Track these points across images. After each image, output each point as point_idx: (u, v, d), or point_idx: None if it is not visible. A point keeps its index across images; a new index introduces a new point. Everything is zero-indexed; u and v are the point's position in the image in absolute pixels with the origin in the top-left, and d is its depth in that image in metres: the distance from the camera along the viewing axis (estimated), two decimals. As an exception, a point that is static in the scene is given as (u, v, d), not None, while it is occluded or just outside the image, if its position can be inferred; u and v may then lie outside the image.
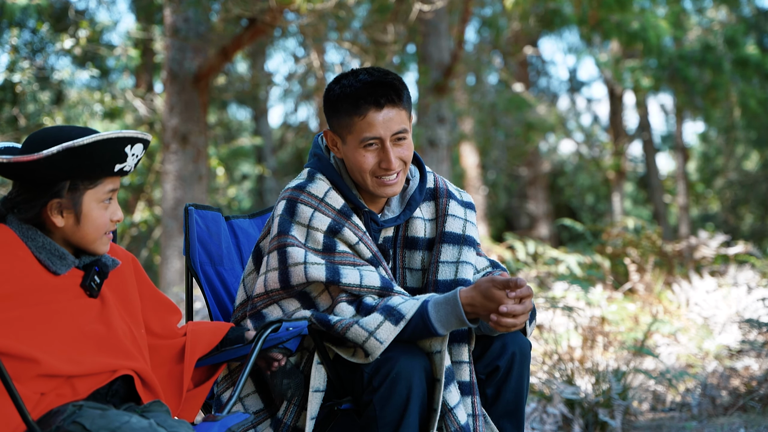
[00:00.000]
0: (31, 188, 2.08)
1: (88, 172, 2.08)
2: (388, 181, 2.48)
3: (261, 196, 15.90)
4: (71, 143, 2.02)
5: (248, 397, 2.52)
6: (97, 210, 2.13)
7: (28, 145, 2.10)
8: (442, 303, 2.36)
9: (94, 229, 2.14)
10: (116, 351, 2.12)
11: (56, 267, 2.10)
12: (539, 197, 17.47)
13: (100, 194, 2.13)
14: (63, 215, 2.10)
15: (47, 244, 2.10)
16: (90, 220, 2.12)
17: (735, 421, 4.21)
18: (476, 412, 2.44)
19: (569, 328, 5.40)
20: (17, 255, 2.07)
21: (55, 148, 2.01)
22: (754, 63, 12.23)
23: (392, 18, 9.76)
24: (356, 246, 2.47)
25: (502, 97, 15.03)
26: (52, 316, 2.06)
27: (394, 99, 2.44)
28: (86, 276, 2.14)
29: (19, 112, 8.25)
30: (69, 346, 2.05)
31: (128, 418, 1.95)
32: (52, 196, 2.08)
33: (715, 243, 7.96)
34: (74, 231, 2.12)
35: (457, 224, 2.61)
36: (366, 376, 2.34)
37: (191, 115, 8.18)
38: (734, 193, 20.85)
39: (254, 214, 3.05)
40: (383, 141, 2.45)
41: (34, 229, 2.10)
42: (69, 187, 2.08)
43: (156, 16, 11.45)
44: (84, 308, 2.12)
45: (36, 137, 2.11)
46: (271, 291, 2.47)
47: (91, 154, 2.05)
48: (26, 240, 2.09)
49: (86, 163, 2.06)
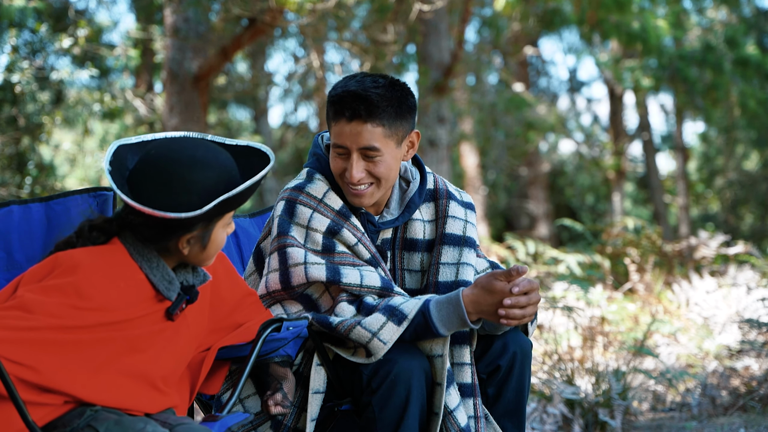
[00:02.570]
0: (163, 226, 2.01)
1: (230, 210, 2.04)
2: (355, 190, 2.46)
3: (261, 195, 15.89)
4: (227, 196, 1.96)
5: (249, 398, 2.51)
6: (222, 234, 2.10)
7: (158, 179, 1.98)
8: (444, 303, 2.35)
9: (215, 250, 2.11)
10: (159, 386, 2.07)
11: (169, 292, 2.05)
12: (539, 197, 17.46)
13: (227, 220, 2.09)
14: (190, 244, 2.06)
15: (162, 267, 2.05)
16: (215, 245, 2.09)
17: (735, 421, 4.21)
18: (477, 413, 2.44)
19: (569, 328, 5.39)
20: (135, 278, 2.02)
21: (213, 204, 1.95)
22: (754, 63, 12.23)
23: (392, 18, 9.75)
24: (355, 247, 2.47)
25: (502, 97, 15.03)
26: (136, 340, 2.02)
27: (361, 115, 2.39)
28: (175, 303, 2.08)
29: (18, 112, 8.24)
30: (122, 382, 2.00)
31: (143, 425, 1.93)
32: (187, 232, 2.03)
33: (715, 243, 7.96)
34: (196, 255, 2.09)
35: (458, 225, 2.61)
36: (365, 377, 2.34)
37: (191, 115, 8.18)
38: (734, 193, 20.84)
39: (254, 213, 3.04)
40: (350, 151, 2.44)
41: (151, 249, 2.04)
42: (203, 224, 2.04)
43: (156, 16, 11.44)
44: (159, 333, 2.08)
45: (170, 174, 1.98)
46: (273, 292, 2.47)
47: (241, 197, 2.01)
48: (141, 260, 2.03)
49: (233, 206, 2.03)
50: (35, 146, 8.65)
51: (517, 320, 2.30)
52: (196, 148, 2.04)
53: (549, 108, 18.25)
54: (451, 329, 2.36)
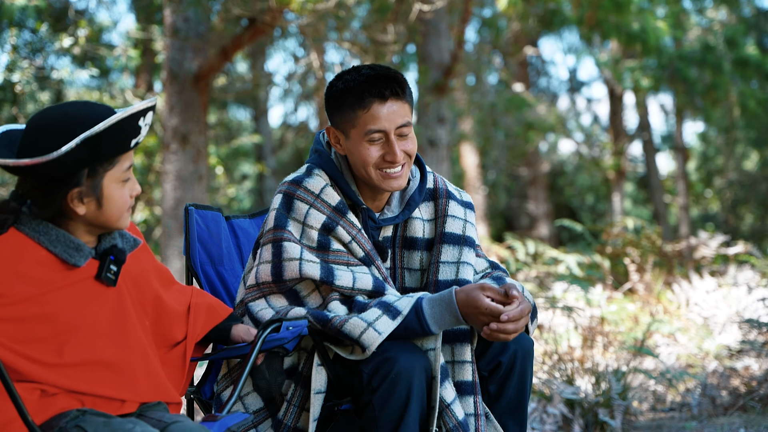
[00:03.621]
0: (47, 182, 1.98)
1: (107, 155, 1.99)
2: (393, 173, 2.49)
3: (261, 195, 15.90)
4: (89, 133, 1.92)
5: (248, 396, 2.52)
6: (117, 190, 2.05)
7: (34, 136, 1.98)
8: (437, 301, 2.37)
9: (117, 210, 2.06)
10: (126, 373, 2.06)
11: (75, 259, 2.02)
12: (539, 197, 17.46)
13: (119, 173, 2.04)
14: (84, 202, 2.01)
15: (61, 236, 2.02)
16: (112, 202, 2.04)
17: (735, 421, 4.21)
18: (478, 411, 2.44)
19: (569, 328, 5.39)
20: (33, 257, 2.00)
21: (73, 142, 1.91)
22: (754, 63, 12.23)
23: (392, 18, 9.75)
24: (349, 245, 2.48)
25: (502, 97, 15.03)
26: (70, 314, 2.01)
27: (397, 91, 2.46)
28: (101, 266, 2.07)
29: (18, 111, 8.24)
30: (83, 360, 2.01)
31: (132, 426, 1.93)
32: (72, 186, 1.99)
33: (715, 243, 7.96)
34: (97, 215, 2.04)
35: (457, 225, 2.62)
36: (365, 376, 2.34)
37: (191, 115, 8.17)
38: (734, 193, 20.84)
39: (254, 213, 3.05)
40: (387, 134, 2.46)
41: (45, 223, 2.01)
42: (87, 173, 1.99)
43: (156, 16, 11.44)
44: (101, 301, 2.07)
45: (42, 127, 1.98)
46: (261, 283, 2.47)
47: (109, 137, 1.95)
48: (39, 237, 2.01)
49: (105, 148, 1.97)
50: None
51: (500, 340, 2.34)
52: (72, 105, 2.03)
53: (549, 108, 18.25)
54: (443, 327, 2.38)
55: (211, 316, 2.39)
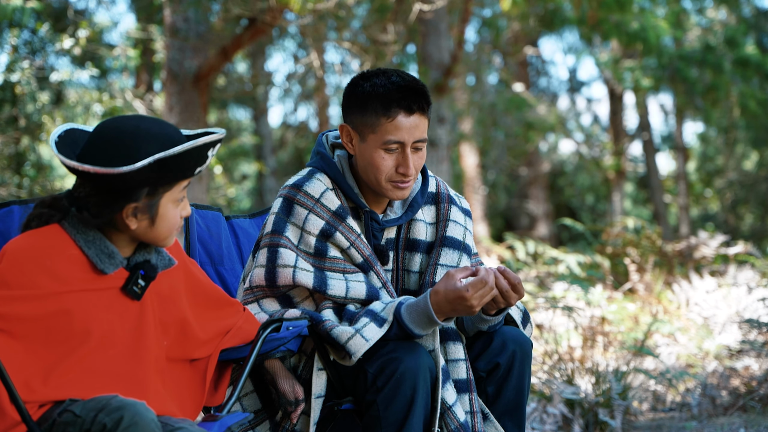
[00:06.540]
0: (107, 192, 1.99)
1: (173, 179, 2.01)
2: (402, 185, 2.48)
3: (261, 195, 15.88)
4: (164, 155, 1.93)
5: (246, 396, 2.52)
6: (172, 210, 2.06)
7: (101, 144, 1.98)
8: (413, 304, 2.38)
9: (167, 229, 2.07)
10: (136, 387, 2.03)
11: (104, 265, 2.02)
12: (539, 197, 17.46)
13: (176, 194, 2.05)
14: (138, 218, 2.02)
15: (98, 239, 2.02)
16: (165, 221, 2.05)
17: (735, 421, 4.21)
18: (474, 408, 2.44)
19: (569, 328, 5.39)
20: (65, 254, 2.00)
21: (147, 160, 1.92)
22: (754, 63, 12.22)
23: (392, 18, 9.75)
24: (348, 251, 2.48)
25: (502, 97, 15.02)
26: (86, 317, 1.99)
27: (424, 107, 2.46)
28: (129, 279, 2.06)
29: (18, 112, 8.24)
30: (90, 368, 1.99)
31: (112, 397, 1.92)
32: (130, 201, 1.99)
33: (715, 243, 7.96)
34: (146, 232, 2.05)
35: (459, 230, 2.62)
36: (370, 376, 2.34)
37: (191, 115, 8.17)
38: (734, 193, 20.83)
39: (254, 213, 3.04)
40: (405, 146, 2.45)
41: (92, 226, 2.01)
42: (148, 191, 2.00)
43: (156, 16, 11.44)
44: (121, 312, 2.05)
45: (112, 137, 1.99)
46: (255, 287, 2.47)
47: (179, 161, 1.97)
48: (76, 235, 2.01)
49: (173, 171, 1.99)
50: (35, 146, 8.64)
51: (517, 297, 2.38)
52: (143, 120, 2.04)
53: (549, 108, 18.23)
54: (425, 328, 2.38)
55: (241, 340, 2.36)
